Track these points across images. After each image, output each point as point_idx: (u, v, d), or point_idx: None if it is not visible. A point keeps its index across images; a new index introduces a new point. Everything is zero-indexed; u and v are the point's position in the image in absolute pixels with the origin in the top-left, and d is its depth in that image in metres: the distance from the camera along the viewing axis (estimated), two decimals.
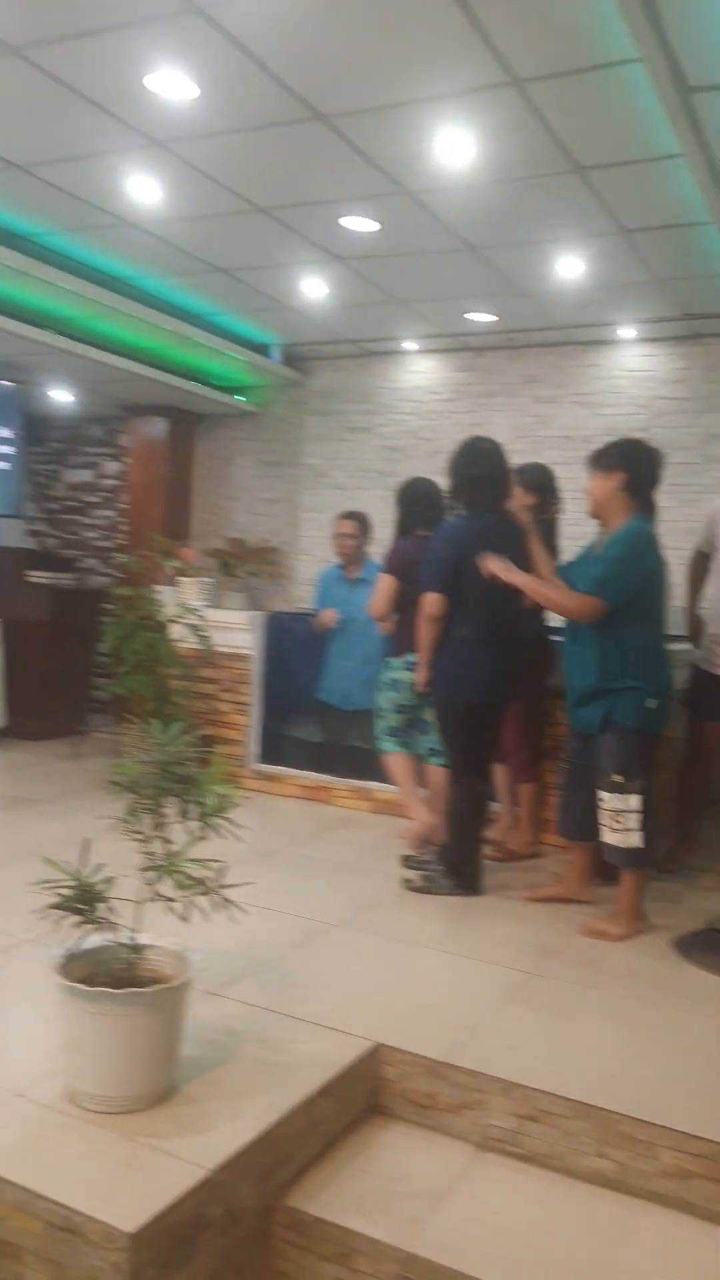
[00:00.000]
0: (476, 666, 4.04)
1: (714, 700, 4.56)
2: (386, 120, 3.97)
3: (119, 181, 4.76)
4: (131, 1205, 1.92)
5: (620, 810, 3.69)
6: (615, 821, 3.70)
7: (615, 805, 3.70)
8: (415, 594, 4.34)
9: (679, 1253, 2.22)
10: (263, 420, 8.30)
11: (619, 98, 3.62)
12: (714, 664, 4.48)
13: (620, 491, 3.73)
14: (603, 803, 3.73)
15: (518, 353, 7.25)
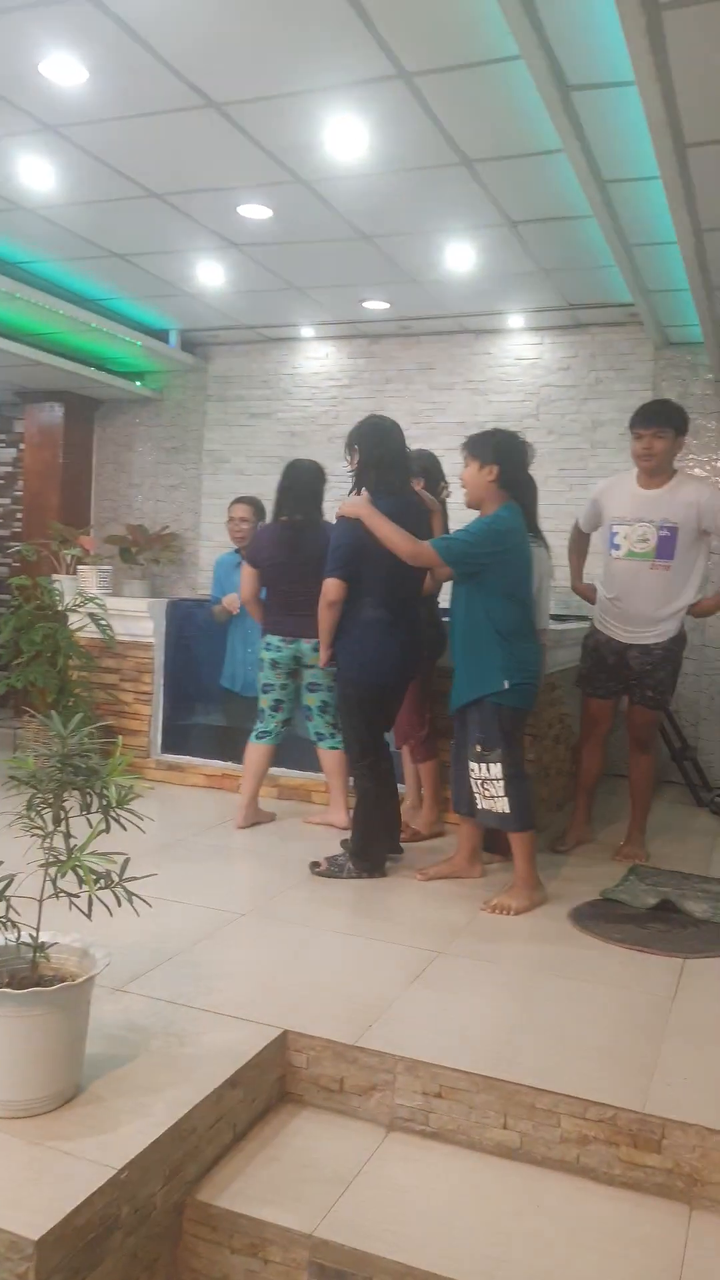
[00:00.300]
0: (383, 648, 4.11)
1: (599, 678, 4.75)
2: (279, 109, 3.96)
3: (10, 166, 4.67)
4: (37, 1211, 1.90)
5: (485, 779, 3.93)
6: (484, 789, 3.95)
7: (480, 774, 3.94)
8: (277, 578, 4.67)
9: (580, 1218, 2.30)
10: (162, 406, 8.22)
11: (503, 93, 3.69)
12: (607, 625, 4.70)
13: (494, 484, 3.94)
14: (472, 773, 3.97)
15: (413, 340, 7.31)
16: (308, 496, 4.75)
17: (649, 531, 4.49)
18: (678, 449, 4.54)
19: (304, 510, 4.72)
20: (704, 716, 6.65)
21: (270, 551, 4.73)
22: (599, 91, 3.46)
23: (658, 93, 2.94)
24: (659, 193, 3.99)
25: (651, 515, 4.49)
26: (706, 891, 4.19)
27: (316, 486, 4.79)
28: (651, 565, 4.48)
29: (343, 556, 4.07)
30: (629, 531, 4.52)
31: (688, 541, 4.47)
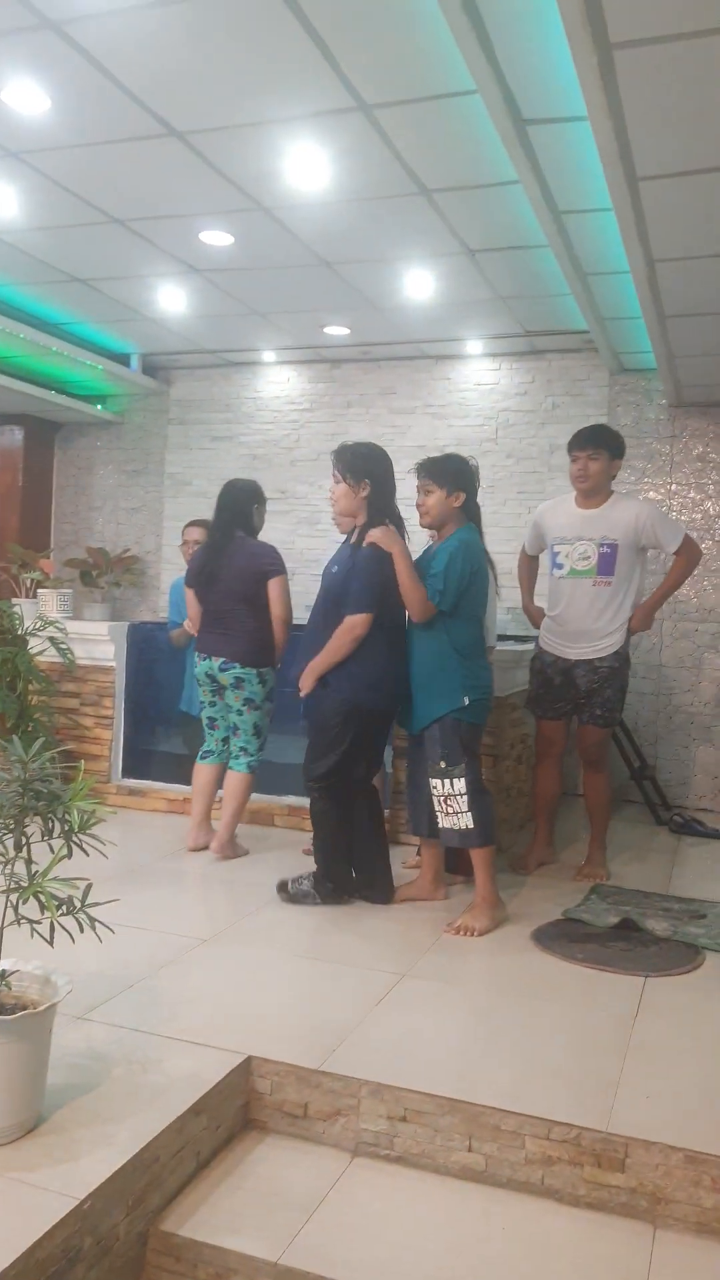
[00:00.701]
0: (390, 671, 4.07)
1: (547, 699, 4.82)
2: (241, 139, 4.00)
3: None
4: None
5: (449, 795, 3.96)
6: (447, 805, 3.97)
7: (444, 790, 3.97)
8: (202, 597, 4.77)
9: (545, 1239, 2.30)
10: (123, 429, 8.21)
11: (461, 126, 3.75)
12: (552, 643, 4.79)
13: (458, 509, 4.07)
14: (434, 790, 3.99)
15: (373, 365, 7.37)
16: (232, 517, 4.79)
17: (590, 549, 4.62)
18: (614, 470, 4.69)
19: (226, 530, 4.78)
20: (662, 736, 6.73)
21: (195, 572, 4.84)
22: (553, 126, 3.53)
23: (609, 128, 3.00)
24: (612, 224, 4.07)
25: (591, 533, 4.63)
26: (667, 910, 4.23)
27: (244, 507, 4.81)
28: (594, 582, 4.61)
29: (376, 594, 3.99)
30: (570, 550, 4.67)
31: (627, 557, 4.60)
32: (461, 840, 4.00)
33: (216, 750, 4.91)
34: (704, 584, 6.62)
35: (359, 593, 3.97)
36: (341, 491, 4.10)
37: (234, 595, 4.70)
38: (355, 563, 4.00)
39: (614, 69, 2.67)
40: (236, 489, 4.86)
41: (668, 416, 6.69)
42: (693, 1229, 2.34)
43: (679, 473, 6.67)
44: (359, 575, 3.98)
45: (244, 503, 4.82)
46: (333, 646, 4.00)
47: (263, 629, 4.71)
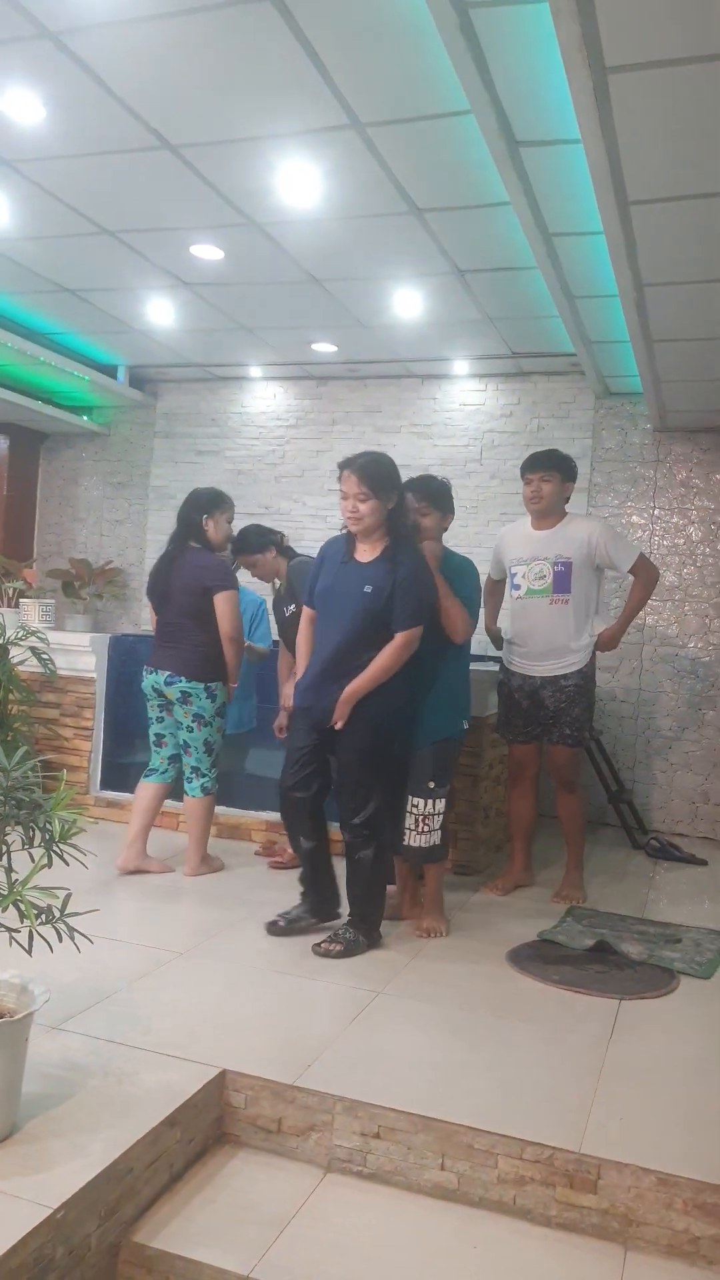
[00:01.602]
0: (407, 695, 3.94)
1: (516, 722, 4.85)
2: (234, 153, 4.02)
3: None
4: None
5: (428, 814, 3.99)
6: (423, 824, 3.99)
7: (424, 810, 3.99)
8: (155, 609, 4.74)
9: (516, 1259, 2.30)
10: (109, 441, 8.21)
11: (453, 147, 3.78)
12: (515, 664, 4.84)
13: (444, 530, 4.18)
14: (413, 808, 3.99)
15: (359, 383, 7.41)
16: (183, 529, 4.75)
17: (545, 569, 4.70)
18: (566, 493, 4.77)
19: (178, 541, 4.74)
20: (640, 760, 6.75)
21: (149, 583, 4.83)
22: (546, 148, 3.57)
23: (602, 151, 3.04)
24: (602, 247, 4.11)
25: (545, 553, 4.71)
26: (643, 934, 4.24)
27: (194, 516, 4.72)
28: (551, 600, 4.68)
29: (428, 606, 3.91)
30: (526, 570, 4.75)
31: (582, 575, 4.68)
32: (427, 857, 4.05)
33: (160, 769, 4.78)
34: (685, 609, 6.67)
35: (414, 606, 3.81)
36: (370, 509, 3.82)
37: (181, 609, 4.62)
38: (403, 576, 3.81)
39: (608, 92, 2.70)
40: (189, 499, 4.80)
41: (652, 441, 6.74)
42: (663, 1251, 2.34)
43: (662, 498, 6.72)
44: (411, 588, 3.80)
45: (194, 512, 4.72)
46: (384, 664, 3.78)
47: (213, 644, 4.61)
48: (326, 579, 3.99)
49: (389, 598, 3.78)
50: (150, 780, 4.78)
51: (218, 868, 4.79)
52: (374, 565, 3.85)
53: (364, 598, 3.80)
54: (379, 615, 3.79)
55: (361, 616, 3.80)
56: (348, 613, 3.84)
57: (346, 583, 3.88)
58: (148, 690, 4.71)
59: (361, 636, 3.81)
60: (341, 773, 3.91)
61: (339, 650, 3.84)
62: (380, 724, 3.84)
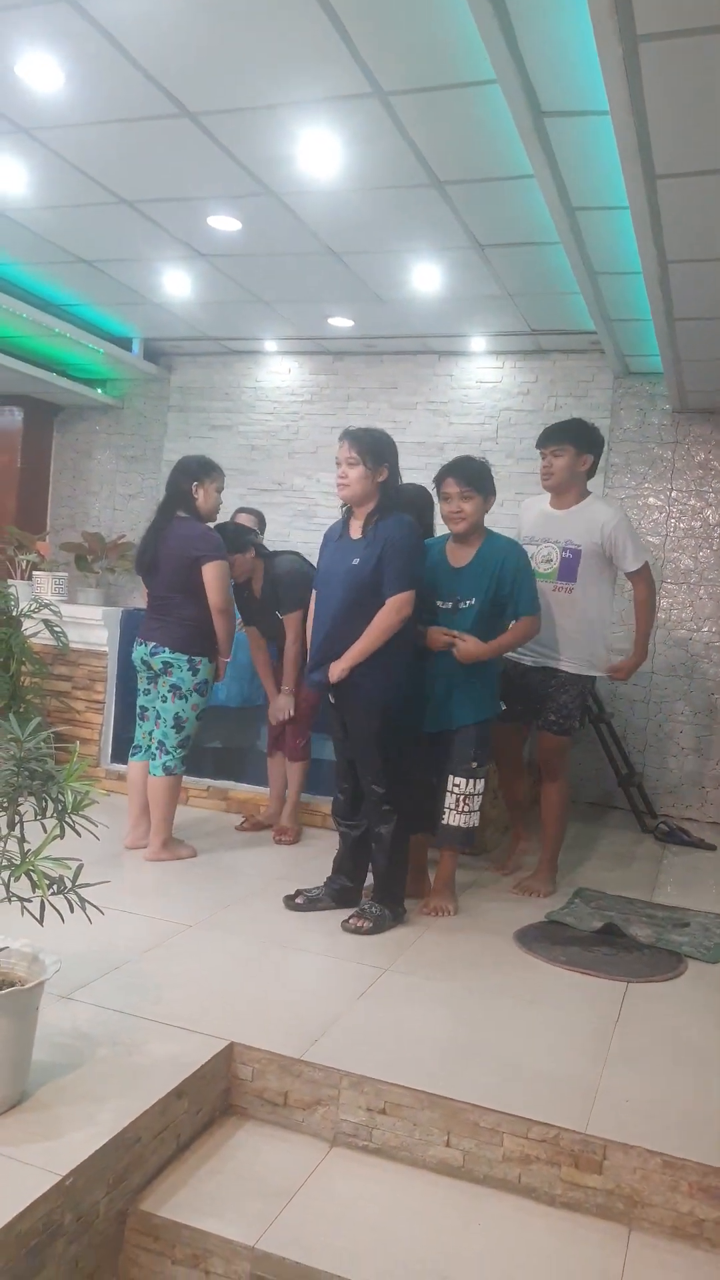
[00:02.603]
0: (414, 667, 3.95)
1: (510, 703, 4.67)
2: (253, 121, 3.97)
3: None
4: None
5: (469, 794, 3.98)
6: (464, 804, 3.99)
7: (466, 790, 3.98)
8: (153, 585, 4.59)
9: (520, 1238, 2.30)
10: (123, 414, 8.17)
11: (477, 117, 3.72)
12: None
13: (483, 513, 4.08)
14: (455, 789, 3.98)
15: (375, 359, 7.35)
16: (170, 497, 4.59)
17: (553, 552, 4.48)
18: (581, 465, 4.51)
19: (165, 511, 4.58)
20: (650, 744, 6.73)
21: (137, 557, 4.68)
22: (572, 119, 3.51)
23: (630, 123, 2.99)
24: (626, 222, 4.06)
25: (556, 535, 4.50)
26: (651, 917, 4.23)
27: (183, 485, 4.55)
28: (554, 587, 4.45)
29: (418, 570, 3.88)
30: (535, 551, 4.49)
31: (590, 566, 4.45)
32: (464, 839, 4.06)
33: (145, 745, 4.63)
34: (700, 593, 6.63)
35: (401, 570, 3.78)
36: (358, 475, 3.83)
37: (169, 581, 4.48)
38: (387, 542, 3.79)
39: (638, 61, 2.65)
40: (178, 466, 4.62)
41: (671, 422, 6.68)
42: (668, 1233, 2.35)
43: (680, 479, 6.67)
44: (397, 554, 3.78)
45: (183, 479, 4.55)
46: (378, 629, 3.77)
47: (202, 617, 4.45)
48: (324, 561, 4.03)
49: (376, 567, 3.79)
50: (137, 759, 4.66)
51: (185, 855, 4.58)
52: (362, 538, 3.87)
53: (351, 570, 3.83)
54: (368, 586, 3.80)
55: (350, 589, 3.82)
56: (339, 588, 3.86)
57: (339, 560, 3.91)
58: (136, 662, 4.60)
59: (354, 609, 3.82)
60: (357, 753, 3.92)
61: (335, 625, 3.86)
62: (386, 702, 3.84)
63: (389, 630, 3.78)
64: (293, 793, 5.08)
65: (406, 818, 3.93)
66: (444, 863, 4.15)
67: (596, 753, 6.52)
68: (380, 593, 3.79)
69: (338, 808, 4.09)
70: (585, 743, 6.63)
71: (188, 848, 4.62)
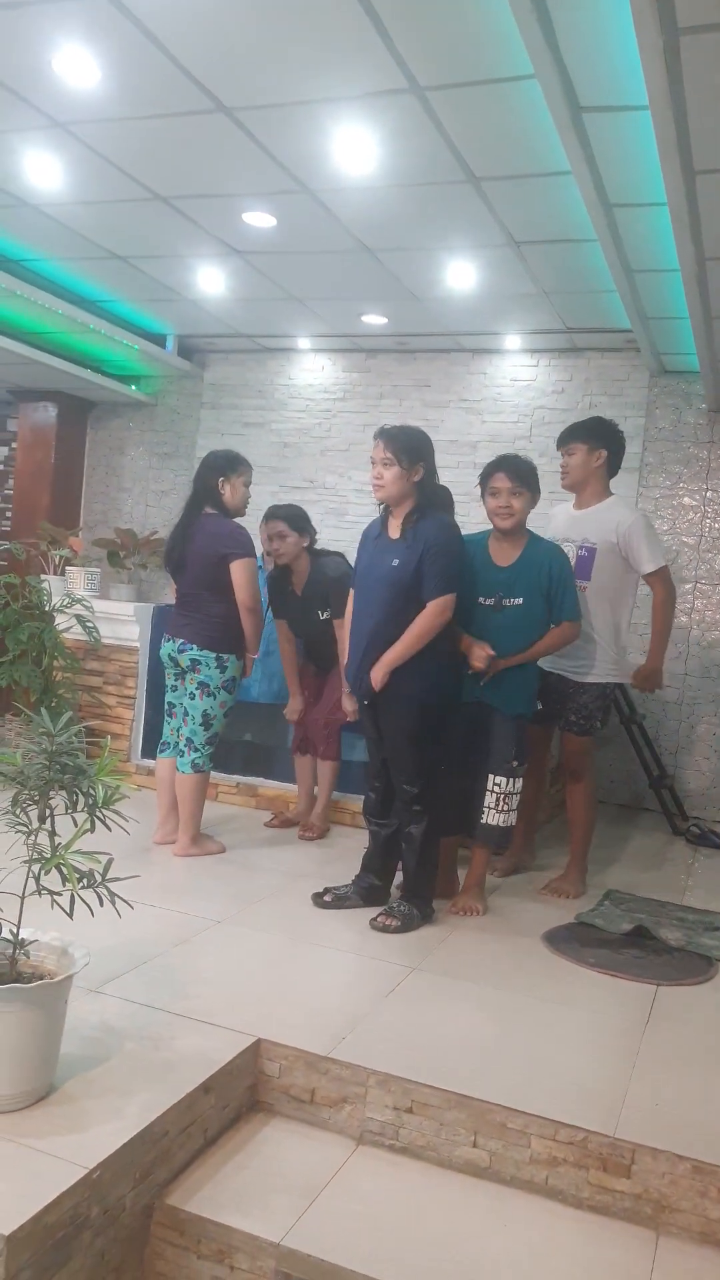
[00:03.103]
0: (454, 669, 3.95)
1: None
2: (289, 117, 3.97)
3: (17, 162, 4.64)
4: (8, 1206, 1.89)
5: (509, 793, 3.97)
6: (503, 803, 3.96)
7: (506, 788, 3.96)
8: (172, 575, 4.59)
9: (547, 1240, 2.29)
10: (156, 411, 8.20)
11: (515, 112, 3.70)
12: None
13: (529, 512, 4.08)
14: (495, 787, 3.96)
15: (409, 356, 7.33)
16: (197, 492, 4.56)
17: (570, 551, 4.45)
18: (595, 461, 4.50)
19: (193, 508, 4.54)
20: (683, 746, 6.67)
21: (165, 554, 4.63)
22: (610, 114, 3.47)
23: (670, 117, 2.96)
24: (664, 219, 4.01)
25: (574, 535, 4.50)
26: (681, 920, 4.19)
27: (210, 481, 4.51)
28: None
29: (459, 573, 3.86)
30: None
31: (606, 565, 4.41)
32: (500, 838, 4.05)
33: (173, 742, 4.61)
34: None
35: (442, 573, 3.77)
36: (393, 475, 3.81)
37: (197, 578, 4.45)
38: (428, 544, 3.78)
39: (679, 55, 2.62)
40: (206, 461, 4.59)
41: (707, 421, 6.61)
42: (696, 1239, 2.33)
43: (716, 479, 6.60)
44: (438, 556, 3.77)
45: (208, 476, 4.51)
46: (417, 633, 3.75)
47: (231, 614, 4.42)
48: (363, 560, 4.01)
49: (416, 570, 3.77)
50: (165, 755, 4.64)
51: (214, 850, 4.58)
52: (402, 539, 3.85)
53: (391, 571, 3.81)
54: (409, 588, 3.79)
55: (391, 591, 3.81)
56: (379, 589, 3.85)
57: (378, 560, 3.90)
58: (164, 658, 4.60)
59: (395, 611, 3.80)
60: (391, 753, 3.91)
61: (376, 626, 3.84)
62: (424, 702, 3.83)
63: (429, 634, 3.77)
64: (323, 792, 5.08)
65: (438, 818, 3.92)
66: (475, 863, 4.13)
67: (628, 754, 6.47)
68: (420, 595, 3.78)
69: (369, 806, 4.08)
70: (617, 744, 6.59)
71: (216, 843, 4.62)
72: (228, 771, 5.59)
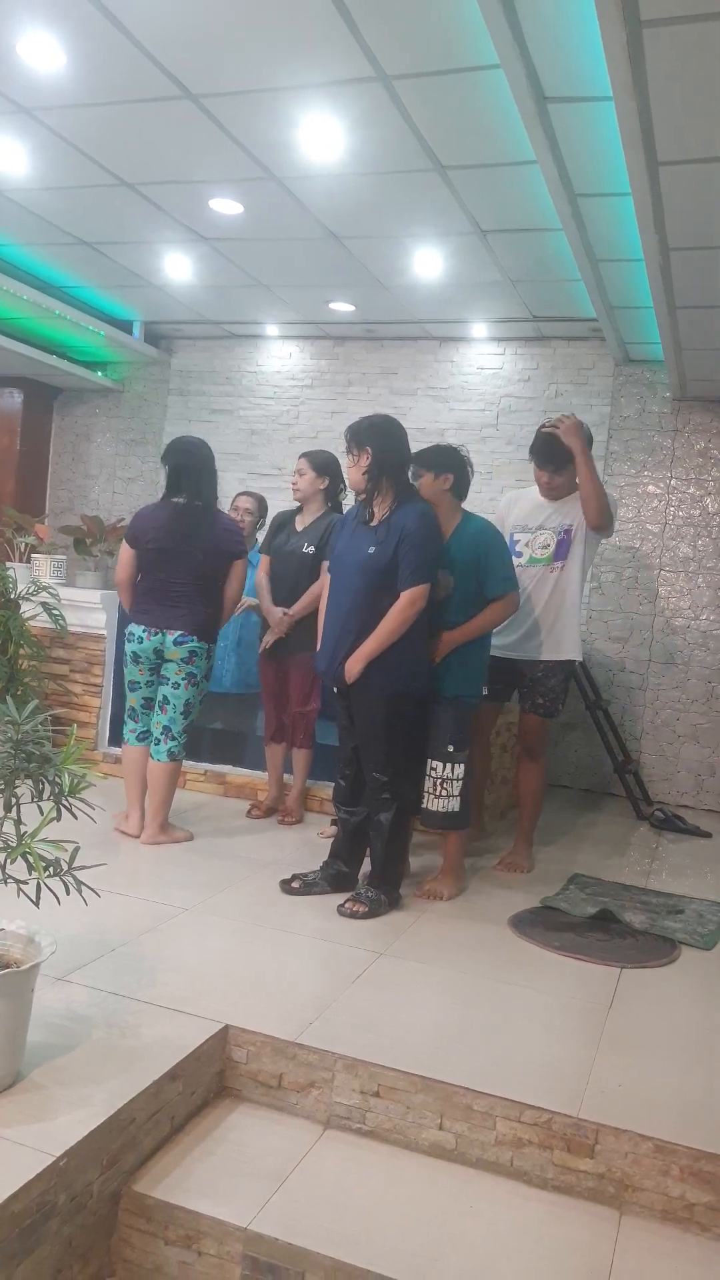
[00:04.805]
0: (425, 657, 3.93)
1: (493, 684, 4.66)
2: (256, 104, 3.95)
3: None
4: None
5: (447, 778, 3.96)
6: (441, 789, 3.96)
7: (443, 774, 3.96)
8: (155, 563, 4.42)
9: (512, 1220, 2.32)
10: (123, 397, 8.15)
11: (480, 102, 3.71)
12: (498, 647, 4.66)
13: (448, 492, 4.06)
14: (432, 772, 3.97)
15: (376, 344, 7.33)
16: (205, 478, 4.49)
17: (549, 538, 4.58)
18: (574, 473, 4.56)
19: (200, 494, 4.47)
20: (647, 731, 6.74)
21: (155, 534, 4.41)
22: (575, 105, 3.50)
23: (633, 109, 2.97)
24: (629, 209, 4.04)
25: (553, 523, 4.60)
26: (645, 903, 4.25)
27: (213, 466, 4.53)
28: (549, 568, 4.57)
29: (434, 563, 3.85)
30: (531, 539, 4.62)
31: (578, 545, 4.56)
32: (445, 822, 4.03)
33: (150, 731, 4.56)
34: (698, 581, 6.63)
35: (417, 563, 3.76)
36: (352, 463, 3.87)
37: (196, 570, 4.39)
38: (404, 534, 3.76)
39: (642, 47, 2.64)
40: (199, 446, 4.54)
41: (671, 410, 6.67)
42: (658, 1216, 2.37)
43: (679, 467, 6.66)
44: (414, 545, 3.76)
45: (211, 463, 4.52)
46: (391, 625, 3.75)
47: (213, 606, 4.47)
48: (340, 544, 4.02)
49: (392, 558, 3.77)
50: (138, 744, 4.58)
51: (182, 839, 4.56)
52: (380, 526, 3.85)
53: (367, 559, 3.82)
54: (383, 576, 3.78)
55: (364, 578, 3.81)
56: (353, 575, 3.86)
57: (354, 546, 3.91)
58: (147, 653, 4.45)
59: (368, 599, 3.81)
60: (362, 741, 3.92)
61: (348, 613, 3.85)
62: (396, 691, 3.83)
63: (402, 626, 3.77)
64: (298, 779, 5.10)
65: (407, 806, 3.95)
66: (449, 849, 4.16)
67: (594, 740, 6.54)
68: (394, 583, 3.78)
69: (339, 794, 4.10)
70: (582, 730, 6.65)
71: (184, 831, 4.62)
72: (196, 759, 5.59)
